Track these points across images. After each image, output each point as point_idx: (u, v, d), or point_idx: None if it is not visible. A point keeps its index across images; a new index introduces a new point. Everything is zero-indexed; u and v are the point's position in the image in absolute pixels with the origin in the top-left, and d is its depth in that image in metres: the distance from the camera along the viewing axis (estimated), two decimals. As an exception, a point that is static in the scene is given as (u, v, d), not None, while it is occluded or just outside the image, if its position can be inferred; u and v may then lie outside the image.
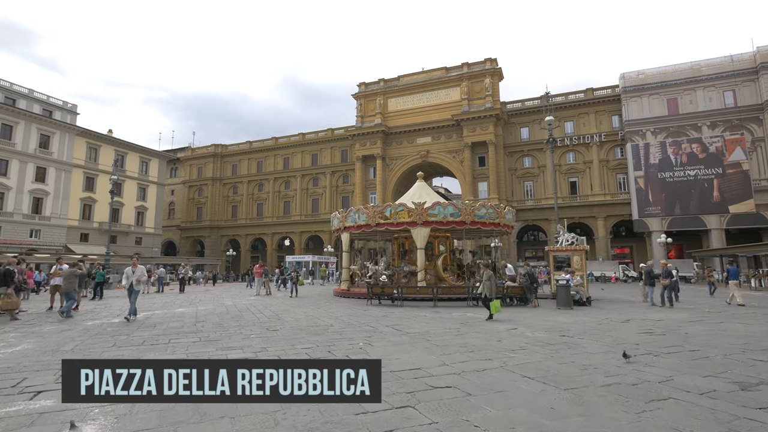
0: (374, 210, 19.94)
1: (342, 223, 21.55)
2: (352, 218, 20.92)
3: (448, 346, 7.70)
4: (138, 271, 11.81)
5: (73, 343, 8.16)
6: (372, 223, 19.75)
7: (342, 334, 9.11)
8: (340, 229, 22.18)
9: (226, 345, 7.88)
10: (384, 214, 19.64)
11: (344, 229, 21.37)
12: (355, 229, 20.96)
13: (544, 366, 6.12)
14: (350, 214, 21.08)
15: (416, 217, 19.25)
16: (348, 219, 21.12)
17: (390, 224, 19.73)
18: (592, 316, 12.48)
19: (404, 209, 19.50)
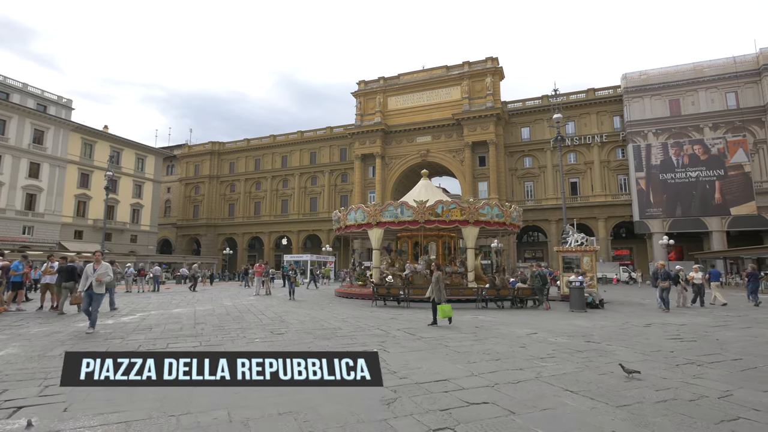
0: (422, 206, 18.95)
1: (373, 218, 19.47)
2: (391, 213, 19.28)
3: (470, 353, 7.12)
4: (100, 269, 9.29)
5: (62, 347, 7.52)
6: (420, 220, 18.83)
7: (353, 339, 8.52)
8: (368, 225, 19.87)
9: (229, 349, 7.26)
10: (435, 211, 18.88)
11: (376, 224, 19.41)
12: (396, 225, 19.48)
13: (583, 377, 5.56)
14: (388, 208, 19.42)
15: (468, 216, 18.98)
16: (384, 214, 19.35)
17: (441, 221, 19.05)
18: (610, 319, 11.94)
19: (456, 207, 19.18)
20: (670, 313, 13.55)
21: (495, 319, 11.77)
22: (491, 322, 11.32)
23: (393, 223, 19.38)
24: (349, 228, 21.09)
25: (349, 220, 20.48)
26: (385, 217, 19.36)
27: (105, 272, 9.29)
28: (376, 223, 19.49)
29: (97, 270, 9.24)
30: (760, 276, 19.32)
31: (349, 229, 21.21)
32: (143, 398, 4.56)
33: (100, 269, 9.29)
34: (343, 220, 21.02)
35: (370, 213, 19.70)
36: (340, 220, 21.39)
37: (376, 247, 19.93)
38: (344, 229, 21.61)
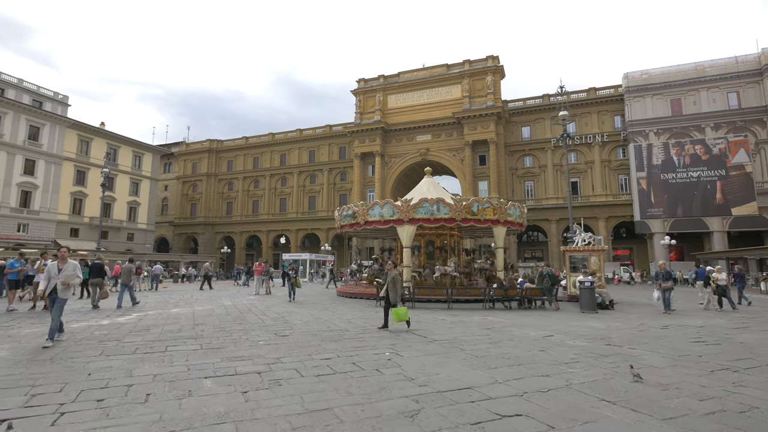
0: (459, 204, 18.44)
1: (405, 214, 18.29)
2: (426, 210, 18.29)
3: (488, 357, 6.72)
4: (66, 269, 7.69)
5: (54, 350, 7.06)
6: (458, 218, 18.22)
7: (362, 341, 8.09)
8: (399, 221, 18.50)
9: (232, 354, 6.83)
10: (471, 210, 18.40)
11: (409, 221, 18.27)
12: (432, 222, 18.67)
13: (616, 385, 5.15)
14: (423, 205, 18.35)
15: (499, 216, 18.75)
16: (418, 210, 18.30)
17: (476, 220, 18.63)
18: (624, 321, 11.56)
19: (490, 206, 18.94)
20: (679, 315, 13.17)
21: (505, 321, 11.36)
22: (502, 323, 10.92)
23: (428, 221, 18.54)
24: (370, 224, 19.27)
25: (371, 215, 18.97)
26: (419, 213, 18.34)
27: (73, 273, 7.76)
28: (408, 220, 18.31)
29: (62, 270, 7.70)
30: (746, 276, 19.88)
31: (370, 225, 19.35)
32: (141, 412, 4.13)
33: (67, 269, 7.73)
34: (363, 215, 19.29)
35: (402, 209, 18.41)
36: (357, 216, 19.60)
37: (407, 245, 18.50)
38: (360, 225, 19.77)
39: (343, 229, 21.49)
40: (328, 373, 5.67)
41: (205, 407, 4.25)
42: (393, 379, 5.34)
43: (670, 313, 13.21)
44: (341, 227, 21.61)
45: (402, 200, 18.74)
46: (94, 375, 5.47)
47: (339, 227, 22.01)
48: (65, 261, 7.90)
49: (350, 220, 20.36)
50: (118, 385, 5.03)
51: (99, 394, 4.65)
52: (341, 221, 21.19)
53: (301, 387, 4.98)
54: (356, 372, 5.72)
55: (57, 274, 7.64)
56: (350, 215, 20.37)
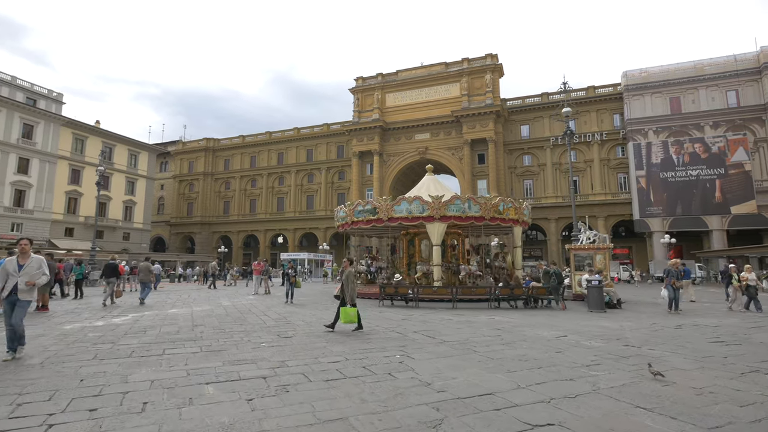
0: (488, 203, 18.63)
1: (437, 211, 18.03)
2: (458, 207, 18.24)
3: (505, 359, 6.38)
4: (30, 265, 6.28)
5: (44, 354, 6.67)
6: (486, 217, 18.30)
7: (369, 342, 7.73)
8: (430, 218, 18.14)
9: (235, 357, 6.46)
10: (498, 209, 18.63)
11: (440, 218, 18.09)
12: (463, 220, 18.60)
13: (646, 389, 4.83)
14: (454, 202, 18.28)
15: (518, 215, 19.43)
16: (450, 208, 18.17)
17: (502, 219, 18.85)
18: (635, 320, 11.26)
19: (512, 206, 19.35)
20: (689, 314, 12.89)
21: (514, 320, 11.04)
22: (511, 323, 10.59)
23: (460, 218, 18.41)
24: (394, 220, 18.63)
25: (397, 211, 18.40)
26: (450, 211, 18.15)
27: (39, 271, 6.34)
28: (439, 217, 18.08)
29: (24, 267, 6.27)
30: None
31: (393, 221, 18.69)
32: (137, 423, 3.77)
33: (30, 266, 6.30)
34: (386, 210, 18.54)
35: (433, 206, 18.14)
36: (378, 211, 18.73)
37: (437, 243, 18.36)
38: (381, 221, 18.80)
39: (355, 225, 20.20)
40: (338, 377, 5.32)
41: (208, 417, 3.89)
42: (408, 385, 4.99)
43: (679, 312, 12.91)
44: (352, 223, 20.25)
45: (433, 197, 18.45)
46: (87, 381, 5.09)
47: (349, 223, 20.49)
48: (27, 256, 6.45)
49: (368, 216, 19.31)
50: (112, 392, 4.66)
51: (91, 403, 4.28)
52: (353, 217, 19.94)
53: (310, 394, 4.63)
54: (368, 376, 5.37)
55: (17, 271, 6.25)
56: (369, 211, 19.31)
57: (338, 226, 22.32)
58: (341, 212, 21.49)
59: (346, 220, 20.78)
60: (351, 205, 20.60)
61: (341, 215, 21.39)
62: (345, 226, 21.18)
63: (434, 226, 18.25)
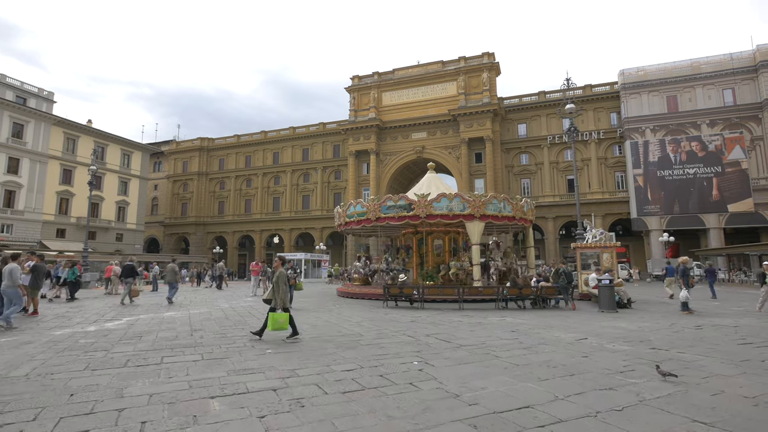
0: (517, 204, 19.23)
1: (477, 210, 17.76)
2: (495, 207, 18.34)
3: (531, 365, 5.94)
4: None
5: (31, 363, 6.12)
6: (517, 217, 18.80)
7: (381, 348, 7.26)
8: (470, 216, 17.75)
9: (240, 366, 5.95)
10: (523, 209, 19.21)
11: (480, 217, 17.90)
12: (499, 219, 18.67)
13: (697, 400, 4.40)
14: (492, 201, 18.26)
15: (532, 216, 19.91)
16: (488, 207, 18.14)
17: (523, 219, 19.28)
18: (651, 321, 10.87)
19: (530, 208, 19.82)
20: (703, 314, 12.54)
21: (527, 322, 10.61)
22: (525, 324, 10.16)
23: (496, 218, 18.42)
24: (433, 217, 17.89)
25: (436, 208, 17.78)
26: (489, 210, 18.02)
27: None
28: (479, 216, 17.81)
29: None
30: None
31: (432, 218, 17.92)
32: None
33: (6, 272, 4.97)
34: (425, 206, 17.69)
35: (473, 204, 17.85)
36: (414, 207, 17.83)
37: (476, 242, 18.05)
38: (418, 218, 17.88)
39: (380, 221, 18.75)
40: (355, 388, 4.84)
41: None
42: (435, 397, 4.53)
43: (693, 312, 12.53)
44: (377, 219, 18.69)
45: (473, 195, 18.52)
46: (78, 396, 4.57)
47: (372, 219, 18.75)
48: None
49: (400, 212, 18.12)
50: (106, 409, 4.15)
51: (83, 424, 3.78)
52: (379, 213, 18.52)
53: (329, 409, 4.15)
54: (388, 387, 4.90)
55: None
56: (402, 206, 18.12)
57: (344, 223, 20.44)
58: (357, 207, 19.65)
59: (364, 216, 19.06)
60: (376, 200, 18.90)
61: (357, 210, 19.55)
62: (355, 223, 19.51)
63: (474, 224, 17.94)
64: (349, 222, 20.10)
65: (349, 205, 20.52)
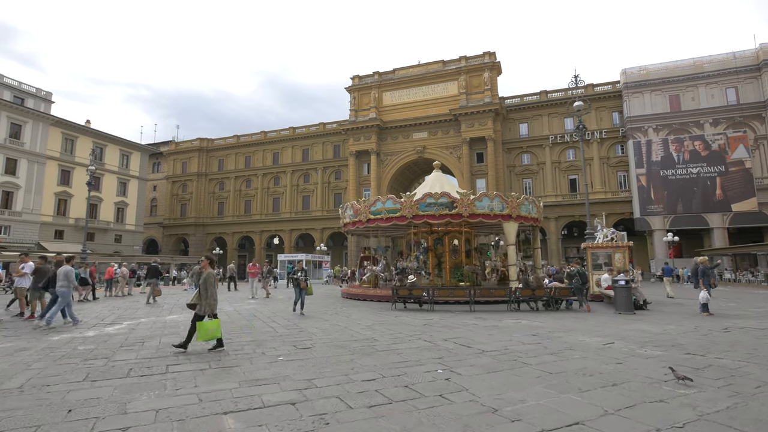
0: (539, 204, 19.59)
1: (514, 210, 18.01)
2: (526, 208, 18.75)
3: (565, 373, 5.52)
4: None
5: (26, 373, 5.68)
6: (539, 218, 19.42)
7: (399, 354, 6.83)
8: (507, 216, 17.83)
9: (251, 375, 5.52)
10: (541, 211, 19.81)
11: (516, 217, 18.18)
12: (529, 220, 19.27)
13: (764, 414, 3.99)
14: (524, 202, 18.70)
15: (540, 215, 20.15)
16: (522, 208, 18.47)
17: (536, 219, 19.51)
18: (676, 323, 10.45)
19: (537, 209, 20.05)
20: (719, 317, 12.12)
21: (544, 324, 10.19)
22: (543, 327, 9.74)
23: (526, 218, 18.90)
24: (475, 217, 17.44)
25: (478, 207, 17.23)
26: (522, 211, 18.35)
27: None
28: (516, 216, 17.96)
29: None
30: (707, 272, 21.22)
31: (474, 218, 17.47)
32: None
33: None
34: (468, 205, 17.18)
35: (511, 204, 17.98)
36: (458, 205, 17.18)
37: (512, 242, 18.24)
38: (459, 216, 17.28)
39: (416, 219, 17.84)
40: (381, 402, 4.41)
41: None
42: (471, 411, 4.11)
43: (713, 314, 12.12)
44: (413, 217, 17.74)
45: (509, 195, 18.56)
46: (77, 412, 4.13)
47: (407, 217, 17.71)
48: None
49: (441, 210, 17.36)
50: (108, 428, 3.72)
51: (82, 446, 3.36)
52: (417, 210, 17.59)
53: (356, 427, 3.73)
54: (417, 400, 4.47)
55: None
56: (444, 204, 17.34)
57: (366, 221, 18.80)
58: (388, 203, 18.23)
59: (397, 213, 17.85)
60: (411, 196, 17.94)
61: (387, 207, 18.15)
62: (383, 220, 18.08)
63: (510, 225, 18.05)
64: (374, 219, 18.42)
65: (374, 200, 18.96)
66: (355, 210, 19.42)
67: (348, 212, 20.21)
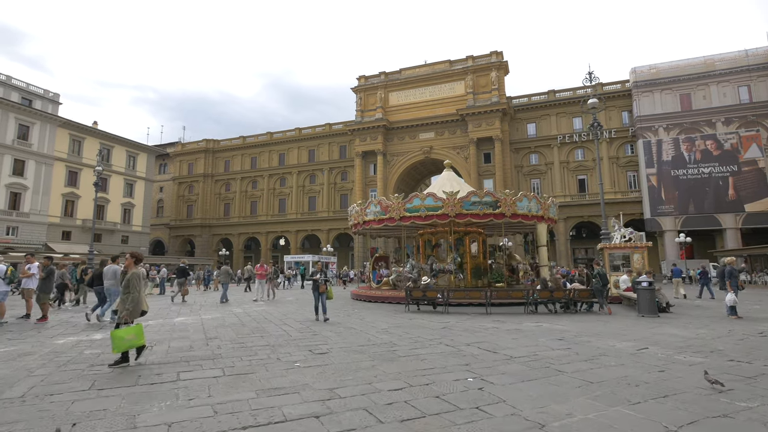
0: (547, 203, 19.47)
1: (546, 211, 18.49)
2: (552, 211, 19.59)
3: (606, 383, 5.10)
4: None
5: (29, 380, 5.34)
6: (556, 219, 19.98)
7: (424, 360, 6.43)
8: (539, 217, 18.21)
9: (268, 384, 5.14)
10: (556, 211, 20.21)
11: (546, 219, 18.64)
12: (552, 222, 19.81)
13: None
14: (551, 205, 19.27)
15: None
16: (551, 210, 19.18)
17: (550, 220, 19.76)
18: (707, 327, 9.96)
19: None
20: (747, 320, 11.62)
21: (568, 328, 9.75)
22: (567, 331, 9.30)
23: (552, 220, 19.41)
24: (516, 217, 17.20)
25: (519, 208, 17.25)
26: (550, 213, 18.95)
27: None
28: (547, 218, 18.65)
29: None
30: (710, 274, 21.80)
31: (515, 218, 17.24)
32: None
33: None
34: (511, 206, 16.97)
35: (543, 206, 18.47)
36: (501, 205, 16.88)
37: (543, 243, 18.88)
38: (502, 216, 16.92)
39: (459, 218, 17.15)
40: (414, 415, 4.02)
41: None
42: (515, 427, 3.71)
43: (741, 317, 11.61)
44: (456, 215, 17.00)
45: (542, 197, 18.89)
46: (82, 426, 3.77)
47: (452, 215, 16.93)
48: None
49: (485, 209, 16.93)
50: (116, 446, 3.38)
51: (88, 468, 3.00)
52: (460, 208, 16.88)
53: (391, 445, 3.35)
54: (453, 413, 4.07)
55: None
56: (488, 203, 16.99)
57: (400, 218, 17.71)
58: (428, 200, 17.37)
59: (438, 211, 17.03)
60: (455, 194, 17.25)
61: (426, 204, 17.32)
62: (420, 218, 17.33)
63: (542, 226, 18.69)
64: (408, 217, 17.49)
65: (411, 197, 17.84)
66: (385, 207, 18.15)
67: (373, 209, 18.75)
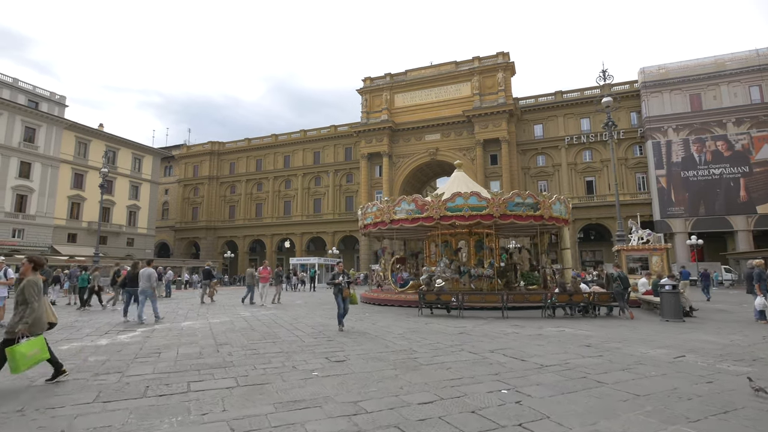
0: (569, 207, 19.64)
1: (569, 215, 18.87)
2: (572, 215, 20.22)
3: (655, 396, 4.69)
4: None
5: (27, 392, 4.97)
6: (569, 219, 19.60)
7: (449, 369, 6.02)
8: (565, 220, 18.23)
9: (287, 396, 4.75)
10: None
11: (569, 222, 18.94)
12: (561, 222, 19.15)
13: None
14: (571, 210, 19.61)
15: None
16: (571, 214, 19.80)
17: None
18: (738, 332, 9.50)
19: None
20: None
21: (592, 333, 9.31)
22: (592, 337, 8.87)
23: (566, 221, 19.21)
24: (551, 220, 17.16)
25: (555, 210, 17.45)
26: (571, 217, 19.46)
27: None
28: (573, 220, 18.58)
29: None
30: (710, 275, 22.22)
31: (550, 221, 17.18)
32: None
33: None
34: (548, 209, 16.97)
35: (569, 211, 18.95)
36: (541, 207, 16.87)
37: (568, 246, 19.13)
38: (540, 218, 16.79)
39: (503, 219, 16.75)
40: (453, 435, 3.63)
41: None
42: (569, 449, 3.32)
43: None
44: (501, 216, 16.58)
45: (560, 199, 18.58)
46: (86, 446, 3.43)
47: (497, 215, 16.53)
48: None
49: (527, 211, 16.67)
50: (124, 471, 3.00)
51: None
52: (505, 209, 16.52)
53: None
54: (488, 429, 3.68)
55: None
56: (530, 205, 16.77)
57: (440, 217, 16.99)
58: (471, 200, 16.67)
59: (482, 211, 16.49)
60: (500, 194, 17.05)
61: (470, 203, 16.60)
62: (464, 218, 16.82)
63: (566, 229, 18.99)
64: (450, 216, 16.81)
65: (452, 196, 17.01)
66: (421, 205, 17.24)
67: (405, 206, 17.67)
